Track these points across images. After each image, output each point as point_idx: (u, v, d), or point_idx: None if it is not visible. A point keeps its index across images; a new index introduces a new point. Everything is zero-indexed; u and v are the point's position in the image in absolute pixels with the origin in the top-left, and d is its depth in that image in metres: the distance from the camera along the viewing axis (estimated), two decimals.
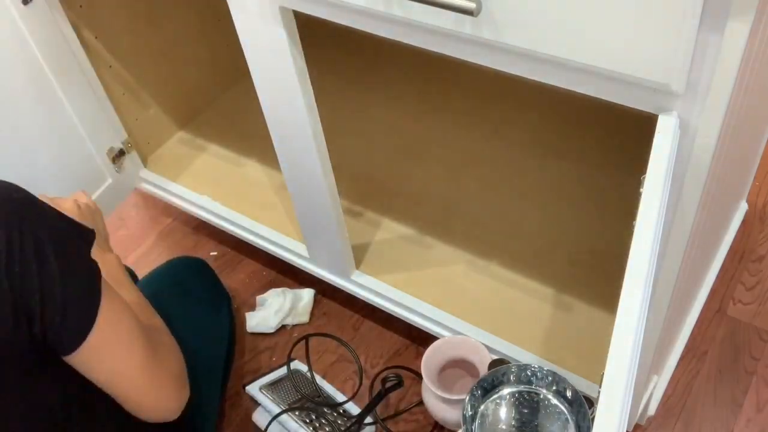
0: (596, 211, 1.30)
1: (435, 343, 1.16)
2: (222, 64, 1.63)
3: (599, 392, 0.59)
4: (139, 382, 0.79)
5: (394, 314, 1.25)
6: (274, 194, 1.43)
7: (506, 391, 1.04)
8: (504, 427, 1.03)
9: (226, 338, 1.29)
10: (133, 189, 1.51)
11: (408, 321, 1.24)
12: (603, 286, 1.19)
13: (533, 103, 1.51)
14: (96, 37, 1.34)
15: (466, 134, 1.48)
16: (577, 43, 0.65)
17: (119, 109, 1.41)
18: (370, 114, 1.56)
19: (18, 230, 0.69)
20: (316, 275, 1.33)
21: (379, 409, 1.25)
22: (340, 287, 1.30)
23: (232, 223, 1.39)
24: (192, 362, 1.15)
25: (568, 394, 1.00)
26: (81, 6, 1.28)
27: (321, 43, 1.66)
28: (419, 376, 1.21)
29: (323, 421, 1.21)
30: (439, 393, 1.10)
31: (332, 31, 1.45)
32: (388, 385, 1.25)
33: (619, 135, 1.42)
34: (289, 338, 1.39)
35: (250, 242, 1.40)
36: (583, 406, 0.97)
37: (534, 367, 1.02)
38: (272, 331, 1.39)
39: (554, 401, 1.01)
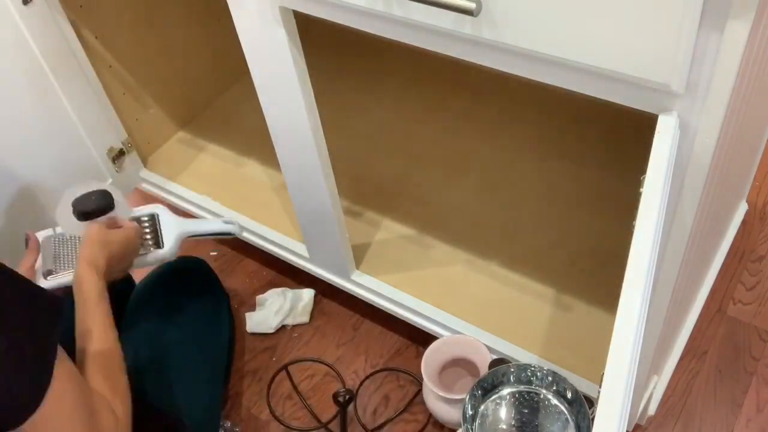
0: (596, 211, 1.30)
1: (435, 343, 1.16)
2: (222, 64, 1.63)
3: (599, 392, 0.59)
4: None
5: (394, 314, 1.25)
6: (274, 194, 1.43)
7: (506, 391, 1.04)
8: (504, 426, 1.03)
9: (227, 338, 1.29)
10: (133, 189, 1.51)
11: (408, 321, 1.24)
12: (603, 286, 1.19)
13: (533, 103, 1.51)
14: (96, 37, 1.34)
15: (466, 134, 1.48)
16: (577, 43, 0.65)
17: (119, 109, 1.41)
18: (370, 114, 1.56)
19: None
20: (316, 275, 1.33)
21: (379, 409, 1.26)
22: (340, 287, 1.30)
23: None
24: (194, 364, 1.15)
25: (568, 394, 1.00)
26: (81, 6, 1.28)
27: (321, 43, 1.66)
28: (418, 377, 1.21)
29: None
30: (440, 393, 1.10)
31: (332, 31, 1.45)
32: (341, 399, 1.26)
33: (619, 135, 1.42)
34: (289, 338, 1.39)
35: (250, 242, 1.40)
36: (583, 406, 0.98)
37: (534, 367, 1.02)
38: (272, 331, 1.39)
39: (554, 401, 1.01)
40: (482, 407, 1.03)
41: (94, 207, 1.02)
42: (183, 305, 1.21)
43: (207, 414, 1.13)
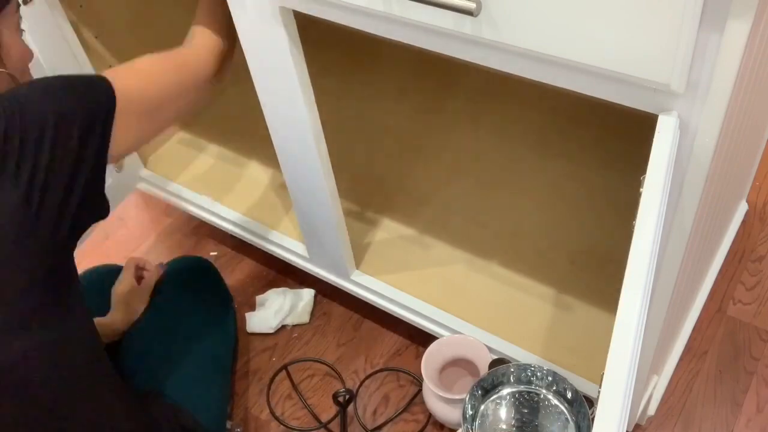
0: (596, 211, 1.30)
1: (435, 343, 1.16)
2: None
3: (599, 392, 0.59)
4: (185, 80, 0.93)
5: (394, 314, 1.25)
6: (274, 194, 1.43)
7: (506, 391, 1.04)
8: (504, 427, 1.03)
9: (233, 338, 1.29)
10: (133, 189, 1.51)
11: (408, 321, 1.24)
12: (603, 286, 1.19)
13: (533, 103, 1.51)
14: (96, 37, 1.34)
15: (466, 134, 1.48)
16: (577, 43, 0.65)
17: None
18: (370, 114, 1.56)
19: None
20: (316, 275, 1.33)
21: (379, 409, 1.26)
22: (340, 287, 1.30)
23: (232, 223, 1.39)
24: (204, 364, 1.15)
25: (568, 394, 1.00)
26: (81, 6, 1.28)
27: (321, 43, 1.66)
28: (418, 377, 1.21)
29: None
30: (440, 393, 1.10)
31: (332, 31, 1.45)
32: (341, 399, 1.25)
33: (619, 135, 1.42)
34: (289, 338, 1.39)
35: (250, 242, 1.40)
36: (583, 406, 0.98)
37: (534, 367, 1.02)
38: (272, 331, 1.39)
39: (554, 401, 1.01)
40: (482, 407, 1.03)
41: None
42: (191, 306, 1.21)
43: (216, 413, 1.13)
